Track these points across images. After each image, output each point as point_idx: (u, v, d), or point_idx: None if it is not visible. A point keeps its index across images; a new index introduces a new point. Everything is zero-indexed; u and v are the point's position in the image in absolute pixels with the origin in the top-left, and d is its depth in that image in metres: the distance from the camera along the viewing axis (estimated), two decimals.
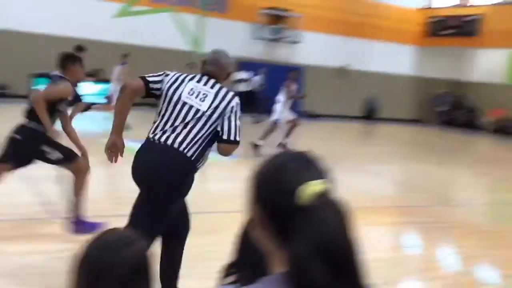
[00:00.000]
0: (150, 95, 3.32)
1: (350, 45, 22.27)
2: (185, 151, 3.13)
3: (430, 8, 23.99)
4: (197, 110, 3.19)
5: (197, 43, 17.88)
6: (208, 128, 3.19)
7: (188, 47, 17.89)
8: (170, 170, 3.13)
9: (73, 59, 4.86)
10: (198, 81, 3.32)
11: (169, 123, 3.18)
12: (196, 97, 3.23)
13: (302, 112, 21.18)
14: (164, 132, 3.17)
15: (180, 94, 3.24)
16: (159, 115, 3.27)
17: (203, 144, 3.19)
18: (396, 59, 23.55)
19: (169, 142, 3.14)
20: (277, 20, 20.79)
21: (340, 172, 8.52)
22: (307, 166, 1.09)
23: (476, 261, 5.49)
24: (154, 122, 3.28)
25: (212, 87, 3.30)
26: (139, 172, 3.21)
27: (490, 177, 11.78)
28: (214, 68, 3.41)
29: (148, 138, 3.24)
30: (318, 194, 1.03)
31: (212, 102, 3.23)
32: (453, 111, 23.95)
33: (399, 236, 6.36)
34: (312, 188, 1.03)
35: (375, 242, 5.72)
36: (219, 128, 3.22)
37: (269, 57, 20.99)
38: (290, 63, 21.19)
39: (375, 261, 4.99)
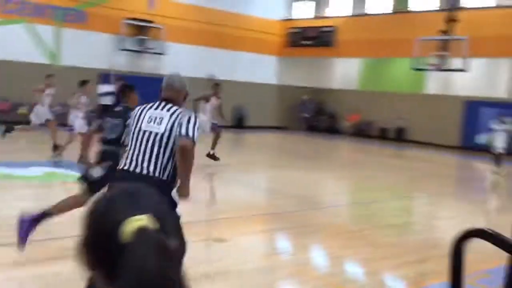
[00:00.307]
0: None
1: (217, 55, 22.55)
2: (160, 176, 3.42)
3: (289, 19, 25.13)
4: (156, 134, 3.50)
5: (54, 55, 16.89)
6: (171, 146, 3.46)
7: (44, 60, 16.83)
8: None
9: (131, 87, 5.45)
10: (156, 108, 3.66)
11: (136, 153, 3.50)
12: (154, 122, 3.55)
13: None
14: (136, 164, 3.47)
15: (140, 126, 3.58)
16: (127, 147, 3.60)
17: (172, 162, 3.47)
18: (261, 69, 24.33)
19: (144, 172, 3.43)
20: (140, 31, 20.41)
21: (209, 183, 8.55)
22: (132, 202, 1.06)
23: (343, 261, 5.77)
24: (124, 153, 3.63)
25: (168, 110, 3.61)
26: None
27: (351, 179, 12.56)
28: (170, 93, 3.75)
29: (122, 169, 3.53)
30: (138, 231, 0.99)
31: (168, 122, 3.53)
32: (315, 117, 25.29)
33: (270, 243, 6.48)
34: (132, 224, 0.99)
35: (247, 252, 5.76)
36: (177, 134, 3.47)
37: (134, 68, 20.50)
38: (156, 75, 20.90)
39: (248, 272, 5.02)
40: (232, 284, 4.65)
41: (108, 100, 17.29)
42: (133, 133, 3.58)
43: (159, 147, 3.45)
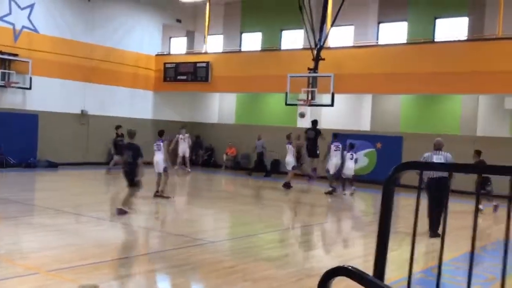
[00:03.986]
0: None
1: (89, 90, 21.79)
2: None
3: (165, 54, 25.10)
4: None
5: None
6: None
7: None
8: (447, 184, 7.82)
9: None
10: (436, 154, 9.84)
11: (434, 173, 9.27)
12: (439, 159, 9.73)
13: (38, 162, 19.74)
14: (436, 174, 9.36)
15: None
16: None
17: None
18: (137, 104, 23.91)
19: (442, 176, 9.01)
20: (4, 65, 19.13)
21: (81, 224, 8.03)
22: None
23: None
24: None
25: (442, 155, 9.93)
26: (436, 186, 9.36)
27: (229, 214, 12.65)
28: (441, 146, 10.07)
29: (432, 178, 9.53)
30: None
31: (444, 160, 9.60)
32: (193, 151, 25.27)
33: (147, 285, 6.24)
34: None
35: None
36: None
37: None
38: (23, 110, 19.67)
39: None
40: None
41: None
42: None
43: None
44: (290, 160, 17.64)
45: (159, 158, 13.38)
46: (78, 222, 9.84)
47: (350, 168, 16.33)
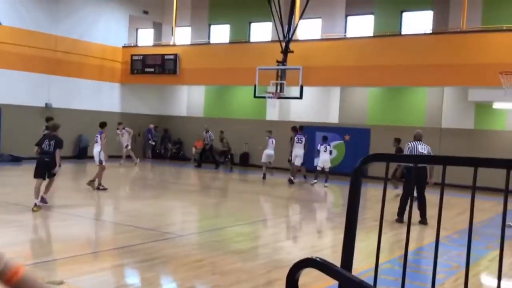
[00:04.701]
0: None
1: (53, 83, 21.32)
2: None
3: (132, 46, 24.74)
4: (423, 153, 10.29)
5: None
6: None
7: None
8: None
9: None
10: (420, 144, 10.44)
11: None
12: (423, 150, 10.49)
13: (1, 156, 19.25)
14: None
15: (418, 151, 10.41)
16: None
17: None
18: (103, 97, 23.52)
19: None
20: None
21: (45, 220, 7.85)
22: None
23: None
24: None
25: (424, 144, 10.62)
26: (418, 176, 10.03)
27: (198, 207, 12.59)
28: (420, 137, 10.67)
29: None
30: None
31: (427, 150, 10.61)
32: (162, 144, 25.08)
33: (116, 280, 6.16)
34: None
35: None
36: None
37: None
38: None
39: None
40: None
41: None
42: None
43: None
44: (269, 153, 17.99)
45: (95, 150, 13.57)
46: (42, 217, 9.63)
47: (325, 160, 16.63)
